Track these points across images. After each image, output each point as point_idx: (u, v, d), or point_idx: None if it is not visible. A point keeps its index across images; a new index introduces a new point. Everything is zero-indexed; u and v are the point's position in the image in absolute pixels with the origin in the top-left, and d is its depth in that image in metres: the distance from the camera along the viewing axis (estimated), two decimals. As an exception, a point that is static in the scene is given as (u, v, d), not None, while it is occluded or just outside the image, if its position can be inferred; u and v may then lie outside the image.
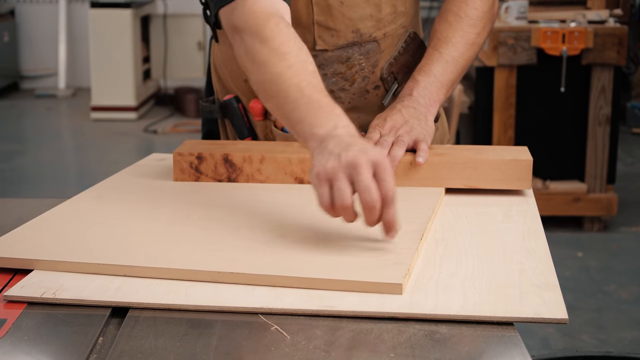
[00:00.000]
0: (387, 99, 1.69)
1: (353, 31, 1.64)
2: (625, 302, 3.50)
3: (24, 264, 1.17)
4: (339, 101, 1.68)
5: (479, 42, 1.65)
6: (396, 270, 1.11)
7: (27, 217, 1.36)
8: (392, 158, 1.46)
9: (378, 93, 1.70)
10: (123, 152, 6.02)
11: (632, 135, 6.20)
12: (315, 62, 1.49)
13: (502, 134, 4.22)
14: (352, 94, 1.68)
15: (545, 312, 1.03)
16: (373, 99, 1.70)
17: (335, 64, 1.65)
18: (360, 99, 1.69)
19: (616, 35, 4.10)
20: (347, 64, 1.66)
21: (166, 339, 0.99)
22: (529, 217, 1.37)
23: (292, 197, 1.43)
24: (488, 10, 1.66)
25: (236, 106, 1.72)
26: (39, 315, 1.06)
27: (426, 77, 1.59)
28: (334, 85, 1.67)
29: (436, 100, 1.58)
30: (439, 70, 1.59)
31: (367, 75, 1.67)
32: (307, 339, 0.99)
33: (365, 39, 1.65)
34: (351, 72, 1.66)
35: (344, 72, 1.66)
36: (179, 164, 1.53)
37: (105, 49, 6.81)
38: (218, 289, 1.09)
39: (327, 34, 1.63)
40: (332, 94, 1.66)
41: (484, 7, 1.66)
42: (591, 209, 4.28)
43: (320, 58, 1.64)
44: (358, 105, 1.70)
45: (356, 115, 1.70)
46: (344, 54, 1.65)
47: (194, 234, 1.26)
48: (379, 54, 1.67)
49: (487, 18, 1.66)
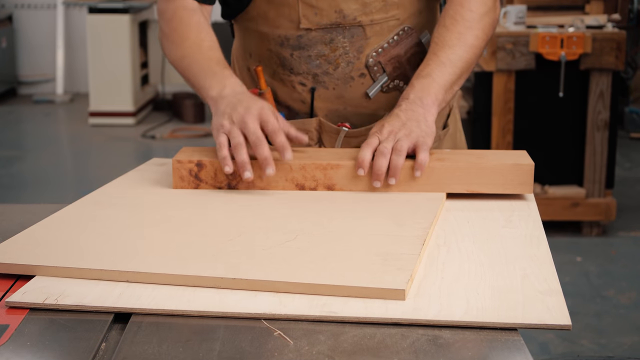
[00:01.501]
0: (372, 90, 1.70)
1: (336, 11, 1.66)
2: (624, 307, 3.50)
3: (26, 269, 1.17)
4: (322, 86, 1.71)
5: (478, 44, 1.64)
6: (399, 276, 1.11)
7: (29, 223, 1.36)
8: (392, 168, 1.46)
9: (364, 82, 1.71)
10: (121, 158, 6.02)
11: (630, 140, 6.21)
12: (300, 43, 1.66)
13: (500, 138, 4.22)
14: (336, 79, 1.70)
15: (548, 319, 1.02)
16: (358, 88, 1.71)
17: (319, 45, 1.68)
18: (344, 86, 1.70)
19: (614, 40, 4.11)
20: (331, 46, 1.68)
21: (169, 344, 0.99)
22: (530, 222, 1.37)
23: (294, 203, 1.43)
24: (486, 14, 1.65)
25: None
26: (41, 321, 1.06)
27: (423, 79, 1.58)
28: (318, 68, 1.69)
29: (434, 100, 1.56)
30: (436, 72, 1.59)
31: (351, 61, 1.69)
32: (310, 345, 0.98)
33: (349, 22, 1.67)
34: (334, 54, 1.68)
35: (327, 55, 1.68)
36: (179, 172, 1.52)
37: (103, 54, 6.81)
38: (221, 295, 1.09)
39: (310, 12, 1.65)
40: (316, 78, 1.70)
41: (480, 9, 1.64)
42: (590, 213, 4.28)
43: (304, 38, 1.68)
44: (343, 94, 1.71)
45: (342, 106, 1.72)
46: (327, 35, 1.67)
47: (195, 240, 1.26)
48: (364, 40, 1.68)
49: (485, 21, 1.65)
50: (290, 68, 1.71)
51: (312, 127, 1.73)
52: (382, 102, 1.73)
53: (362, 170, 1.46)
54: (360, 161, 1.46)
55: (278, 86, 1.75)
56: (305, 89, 1.72)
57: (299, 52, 1.69)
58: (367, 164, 1.47)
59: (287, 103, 1.75)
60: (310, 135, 1.73)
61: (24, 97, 8.18)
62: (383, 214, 1.36)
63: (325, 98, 1.72)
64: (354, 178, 1.48)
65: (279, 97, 1.75)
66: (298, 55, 1.69)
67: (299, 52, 1.69)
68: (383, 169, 1.46)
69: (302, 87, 1.72)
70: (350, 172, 1.48)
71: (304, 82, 1.72)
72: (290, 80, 1.73)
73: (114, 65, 6.83)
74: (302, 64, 1.70)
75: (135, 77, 6.98)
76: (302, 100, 1.74)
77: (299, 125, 1.72)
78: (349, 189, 1.49)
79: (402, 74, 1.72)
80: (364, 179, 1.48)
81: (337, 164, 1.48)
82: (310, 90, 1.72)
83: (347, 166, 1.48)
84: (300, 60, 1.70)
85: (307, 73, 1.71)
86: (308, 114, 1.74)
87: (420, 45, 1.73)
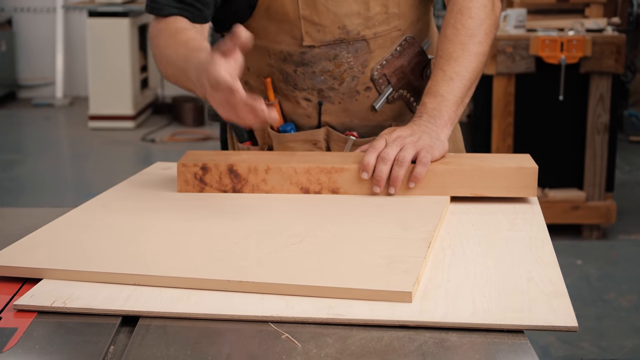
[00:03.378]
0: (378, 102, 1.70)
1: (339, 27, 1.64)
2: (625, 310, 3.51)
3: (33, 273, 1.17)
4: (328, 100, 1.70)
5: (482, 50, 1.62)
6: (405, 279, 1.11)
7: (33, 226, 1.36)
8: (392, 178, 1.46)
9: (369, 95, 1.70)
10: (121, 161, 6.02)
11: (629, 143, 6.22)
12: (303, 59, 1.63)
13: (501, 142, 4.23)
14: (341, 94, 1.69)
15: (554, 320, 1.03)
16: (364, 101, 1.71)
17: (323, 61, 1.66)
18: (350, 100, 1.70)
19: (614, 44, 4.12)
20: (335, 62, 1.67)
21: (177, 347, 0.99)
22: (535, 225, 1.37)
23: (299, 206, 1.44)
24: (486, 16, 1.63)
25: None
26: (49, 324, 1.06)
27: (433, 98, 1.57)
28: (323, 84, 1.68)
29: (447, 120, 1.55)
30: (445, 89, 1.57)
31: (356, 75, 1.68)
32: (318, 347, 0.99)
33: (353, 37, 1.65)
34: (339, 70, 1.67)
35: (332, 70, 1.67)
36: (183, 175, 1.52)
37: (103, 58, 6.81)
38: (228, 298, 1.09)
39: (313, 29, 1.64)
40: (322, 93, 1.69)
41: (480, 13, 1.63)
42: (590, 216, 4.29)
43: (308, 55, 1.66)
44: (349, 108, 1.71)
45: (348, 119, 1.71)
46: (332, 52, 1.66)
47: (202, 243, 1.26)
48: (368, 54, 1.68)
49: (487, 24, 1.63)
50: (294, 84, 1.70)
51: (321, 137, 1.72)
52: (387, 113, 1.73)
53: (366, 173, 1.47)
54: (365, 164, 1.47)
55: (281, 101, 1.73)
56: (310, 104, 1.71)
57: (302, 69, 1.68)
58: (371, 167, 1.47)
59: (291, 118, 1.74)
60: (319, 145, 1.73)
61: (24, 100, 8.18)
62: (388, 217, 1.37)
63: (331, 112, 1.72)
64: (358, 181, 1.49)
65: (283, 111, 1.74)
66: (302, 72, 1.68)
67: (303, 68, 1.68)
68: (383, 174, 1.46)
69: (307, 102, 1.71)
70: (354, 176, 1.49)
71: (309, 98, 1.71)
72: (294, 96, 1.71)
73: (114, 68, 6.83)
74: (307, 80, 1.69)
75: (135, 80, 6.98)
76: (307, 115, 1.73)
77: (308, 137, 1.72)
78: (354, 193, 1.49)
79: (406, 84, 1.72)
80: (368, 183, 1.48)
81: (342, 168, 1.49)
82: (317, 105, 1.71)
83: (352, 170, 1.49)
84: (305, 77, 1.68)
85: (312, 89, 1.69)
86: (314, 128, 1.74)
87: (422, 53, 1.73)
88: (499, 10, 1.68)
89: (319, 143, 1.73)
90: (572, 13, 4.49)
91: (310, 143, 1.73)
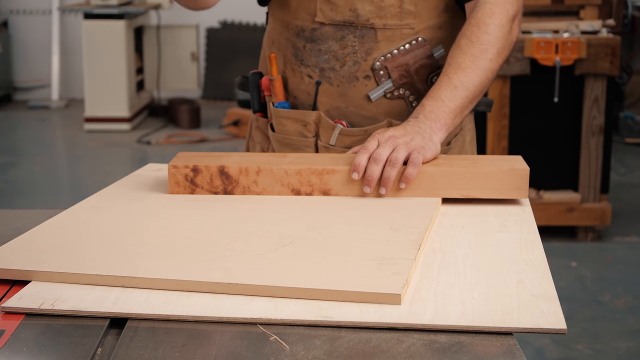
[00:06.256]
0: (375, 94, 1.72)
1: (351, 9, 1.69)
2: (619, 312, 3.51)
3: (22, 275, 1.17)
4: (327, 81, 1.74)
5: (491, 67, 1.62)
6: (394, 281, 1.11)
7: (24, 228, 1.36)
8: (384, 179, 1.46)
9: (367, 84, 1.72)
10: (116, 163, 6.02)
11: (625, 145, 6.22)
12: (313, 36, 1.72)
13: (495, 143, 4.23)
14: (341, 76, 1.73)
15: (543, 323, 1.03)
16: (362, 89, 1.73)
17: (330, 40, 1.72)
18: (349, 85, 1.73)
19: (609, 46, 4.12)
20: (341, 43, 1.71)
21: (165, 349, 0.99)
22: (525, 227, 1.37)
23: (289, 208, 1.43)
24: (502, 37, 1.63)
25: (253, 80, 1.84)
26: (37, 326, 1.06)
27: (433, 102, 1.57)
28: (326, 63, 1.73)
29: (443, 124, 1.55)
30: (446, 95, 1.58)
31: (358, 61, 1.71)
32: (306, 349, 0.99)
33: (361, 22, 1.70)
34: (343, 52, 1.71)
35: (336, 51, 1.72)
36: (174, 177, 1.52)
37: (99, 60, 6.80)
38: (217, 300, 1.09)
39: (327, 6, 1.70)
40: (323, 72, 1.74)
41: (497, 32, 1.62)
42: (585, 218, 4.29)
43: (318, 32, 1.72)
44: (347, 93, 1.73)
45: (344, 104, 1.74)
46: (339, 32, 1.71)
47: (191, 245, 1.26)
48: (374, 43, 1.70)
49: (501, 44, 1.63)
50: (301, 59, 1.75)
51: (312, 120, 1.75)
52: (384, 108, 1.73)
53: (357, 174, 1.47)
54: (356, 165, 1.47)
55: (289, 75, 1.78)
56: (312, 81, 1.76)
57: (311, 45, 1.73)
58: (362, 168, 1.47)
59: (294, 93, 1.79)
60: (309, 128, 1.75)
61: (19, 102, 8.17)
62: (379, 219, 1.37)
63: (328, 94, 1.74)
64: (349, 183, 1.48)
65: (289, 85, 1.79)
66: (310, 48, 1.74)
67: (311, 44, 1.73)
68: (374, 175, 1.46)
69: (309, 79, 1.76)
70: (346, 177, 1.48)
71: (311, 75, 1.75)
72: (300, 71, 1.76)
73: (110, 70, 6.82)
74: (312, 56, 1.74)
75: (131, 82, 6.98)
76: (308, 92, 1.77)
77: (299, 116, 1.75)
78: (345, 194, 1.49)
79: (408, 84, 1.73)
80: (359, 184, 1.48)
81: (333, 169, 1.49)
82: (315, 84, 1.75)
83: (343, 171, 1.48)
84: (311, 53, 1.74)
85: (315, 66, 1.74)
86: (312, 106, 1.77)
87: (431, 58, 1.73)
88: (515, 35, 1.68)
89: (309, 126, 1.75)
90: (566, 15, 4.49)
91: (300, 123, 1.76)
